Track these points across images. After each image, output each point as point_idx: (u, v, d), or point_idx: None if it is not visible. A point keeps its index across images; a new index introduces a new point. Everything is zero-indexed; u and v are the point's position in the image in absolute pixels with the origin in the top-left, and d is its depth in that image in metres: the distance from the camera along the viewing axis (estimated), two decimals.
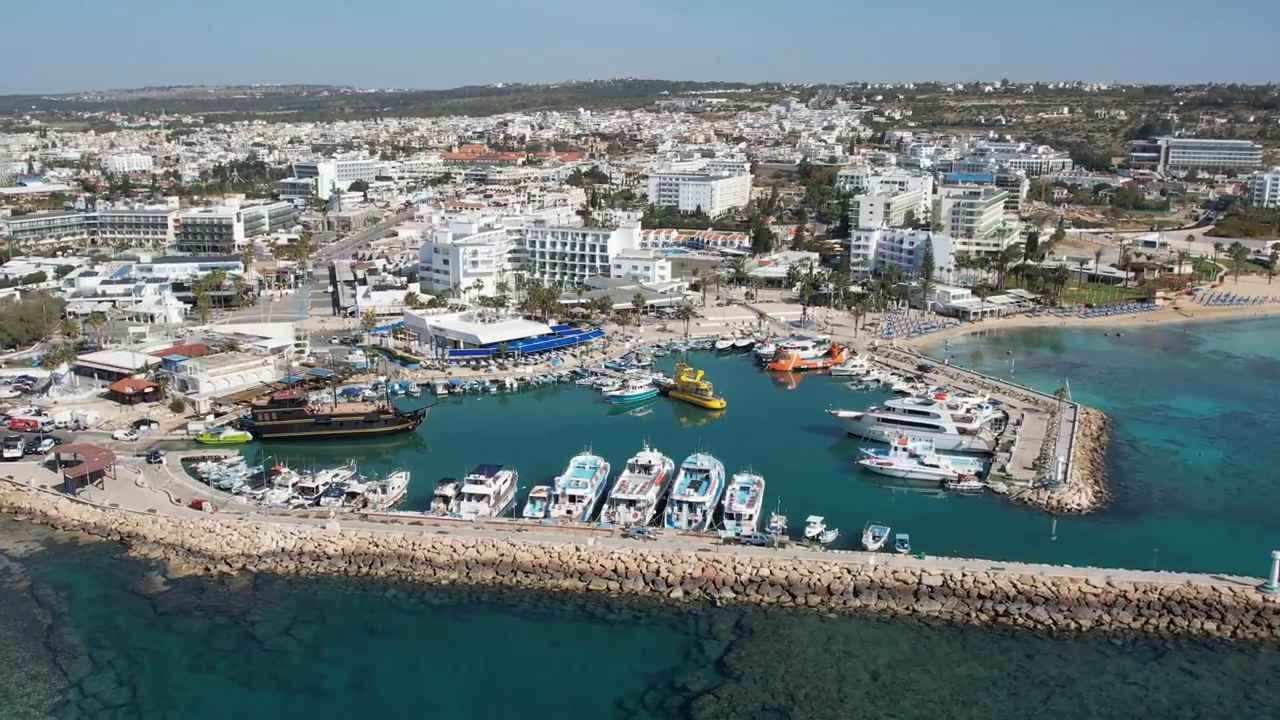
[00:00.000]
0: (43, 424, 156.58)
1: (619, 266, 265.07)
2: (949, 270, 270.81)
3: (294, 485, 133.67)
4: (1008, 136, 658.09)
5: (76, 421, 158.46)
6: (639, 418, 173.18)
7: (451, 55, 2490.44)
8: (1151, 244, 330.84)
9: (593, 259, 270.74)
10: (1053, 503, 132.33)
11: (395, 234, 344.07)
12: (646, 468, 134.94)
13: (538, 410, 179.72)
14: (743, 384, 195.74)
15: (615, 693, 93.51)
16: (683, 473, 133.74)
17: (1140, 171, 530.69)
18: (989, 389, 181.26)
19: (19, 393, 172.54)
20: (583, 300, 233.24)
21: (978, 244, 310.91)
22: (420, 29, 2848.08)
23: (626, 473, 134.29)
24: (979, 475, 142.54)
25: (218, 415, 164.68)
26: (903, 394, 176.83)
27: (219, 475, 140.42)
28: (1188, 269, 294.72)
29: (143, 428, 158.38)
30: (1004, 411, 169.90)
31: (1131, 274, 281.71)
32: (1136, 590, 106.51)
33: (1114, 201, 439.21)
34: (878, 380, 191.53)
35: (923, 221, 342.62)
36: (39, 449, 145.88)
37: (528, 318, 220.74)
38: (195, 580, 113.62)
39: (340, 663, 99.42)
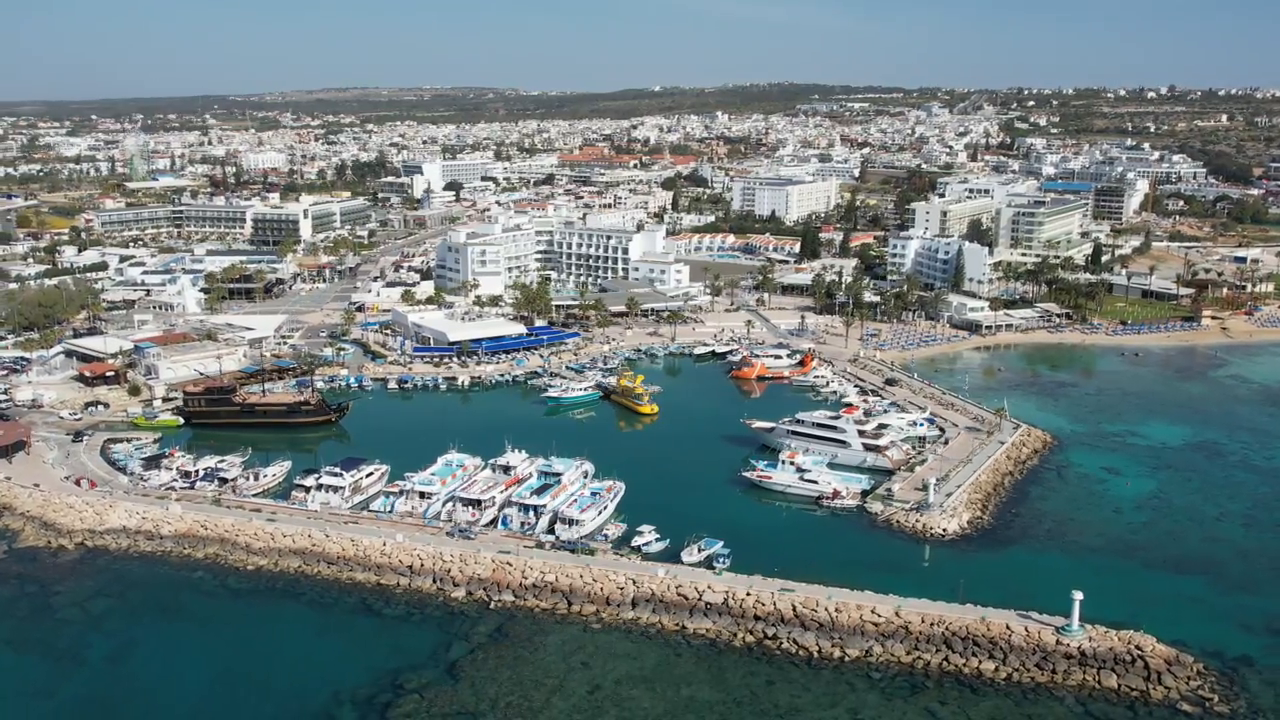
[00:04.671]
0: (1, 401, 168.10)
1: (637, 270, 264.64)
2: (982, 282, 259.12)
3: (176, 469, 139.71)
4: (1145, 145, 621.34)
5: (34, 400, 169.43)
6: (570, 419, 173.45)
7: (617, 60, 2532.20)
8: (1241, 260, 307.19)
9: (614, 261, 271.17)
10: (918, 527, 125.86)
11: None
12: (506, 468, 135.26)
13: (476, 408, 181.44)
14: (699, 390, 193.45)
15: (340, 684, 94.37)
16: (534, 475, 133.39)
17: (1277, 183, 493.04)
18: (945, 405, 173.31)
19: (6, 373, 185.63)
20: (575, 302, 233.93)
21: (1036, 255, 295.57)
22: (590, 33, 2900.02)
23: (486, 472, 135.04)
24: (864, 494, 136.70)
25: (167, 400, 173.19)
26: (849, 405, 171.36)
27: (124, 456, 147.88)
28: (1268, 287, 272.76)
29: (90, 409, 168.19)
30: (940, 428, 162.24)
31: (1193, 291, 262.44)
32: (923, 623, 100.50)
33: (1230, 214, 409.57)
34: (835, 391, 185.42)
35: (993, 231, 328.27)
36: None
37: (518, 317, 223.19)
38: (32, 551, 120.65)
39: (114, 635, 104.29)
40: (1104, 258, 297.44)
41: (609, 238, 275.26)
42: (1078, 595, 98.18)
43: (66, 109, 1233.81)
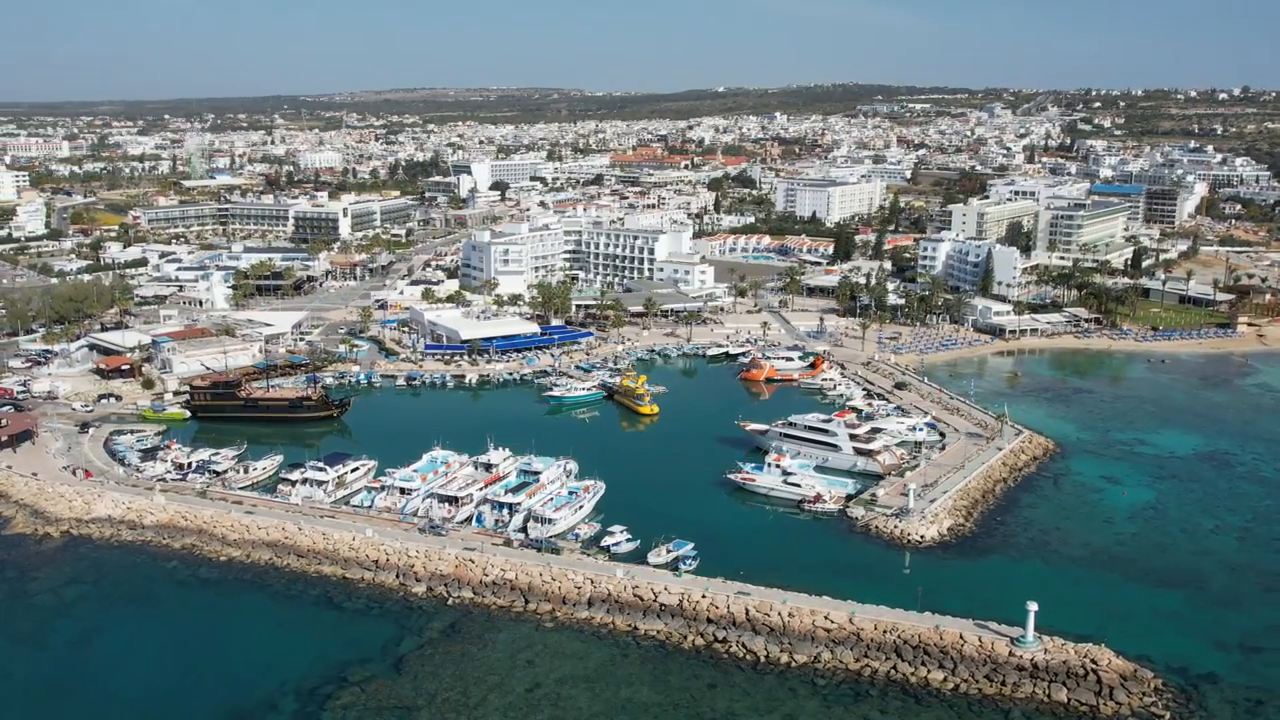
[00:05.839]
0: (18, 392, 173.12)
1: (661, 270, 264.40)
2: (1011, 285, 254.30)
3: (171, 461, 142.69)
4: (1209, 147, 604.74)
5: (49, 392, 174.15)
6: (569, 419, 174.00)
7: (682, 60, 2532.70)
8: None
9: (641, 262, 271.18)
10: (895, 533, 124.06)
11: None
12: (488, 466, 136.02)
13: (478, 406, 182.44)
14: (705, 391, 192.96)
15: (288, 675, 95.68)
16: (514, 473, 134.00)
17: None
18: (950, 409, 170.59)
19: (30, 364, 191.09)
20: (595, 301, 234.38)
21: (1075, 259, 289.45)
22: (656, 33, 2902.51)
23: (466, 469, 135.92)
24: (848, 498, 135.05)
25: (177, 394, 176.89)
26: (856, 410, 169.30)
27: (124, 448, 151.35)
28: None
29: (102, 401, 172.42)
30: (941, 433, 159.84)
31: (1232, 296, 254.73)
32: (875, 630, 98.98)
33: None
34: (842, 394, 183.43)
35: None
36: None
37: (533, 316, 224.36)
38: (19, 538, 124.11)
39: (81, 621, 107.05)
40: (1147, 262, 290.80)
41: (636, 238, 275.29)
42: (1032, 606, 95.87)
43: (142, 109, 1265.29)
